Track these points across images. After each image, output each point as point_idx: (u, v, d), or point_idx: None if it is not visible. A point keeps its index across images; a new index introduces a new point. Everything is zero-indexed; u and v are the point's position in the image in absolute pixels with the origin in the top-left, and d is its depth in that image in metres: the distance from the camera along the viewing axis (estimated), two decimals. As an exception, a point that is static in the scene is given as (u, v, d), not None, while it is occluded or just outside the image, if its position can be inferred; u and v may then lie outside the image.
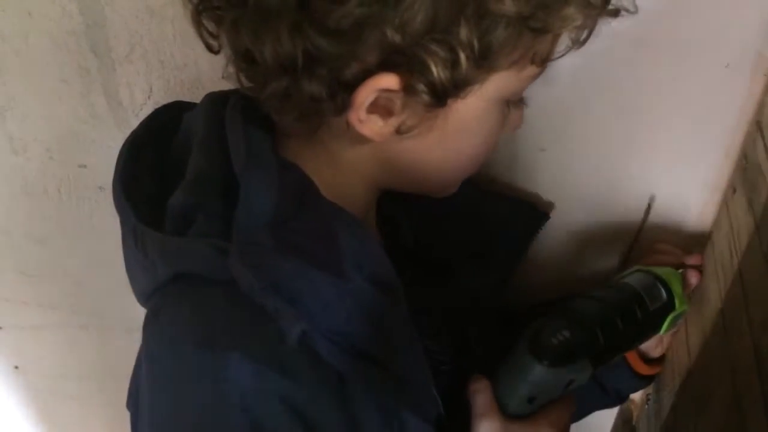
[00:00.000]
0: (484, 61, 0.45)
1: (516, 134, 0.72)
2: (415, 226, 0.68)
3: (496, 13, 0.42)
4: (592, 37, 0.49)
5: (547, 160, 0.73)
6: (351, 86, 0.46)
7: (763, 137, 0.56)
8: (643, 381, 0.69)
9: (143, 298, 0.54)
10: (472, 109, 0.49)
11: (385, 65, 0.45)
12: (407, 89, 0.45)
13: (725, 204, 0.63)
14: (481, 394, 0.55)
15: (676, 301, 0.58)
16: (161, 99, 0.81)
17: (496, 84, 0.48)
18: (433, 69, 0.43)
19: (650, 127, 0.65)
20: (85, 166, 0.92)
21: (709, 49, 0.59)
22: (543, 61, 0.48)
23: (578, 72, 0.65)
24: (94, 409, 1.30)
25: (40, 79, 0.84)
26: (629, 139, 0.67)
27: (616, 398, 0.72)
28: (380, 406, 0.48)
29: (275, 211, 0.47)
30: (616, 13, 0.49)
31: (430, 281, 0.65)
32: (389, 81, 0.45)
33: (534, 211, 0.73)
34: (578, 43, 0.49)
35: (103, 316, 1.13)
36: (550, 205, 0.75)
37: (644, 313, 0.56)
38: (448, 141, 0.51)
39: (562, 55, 0.50)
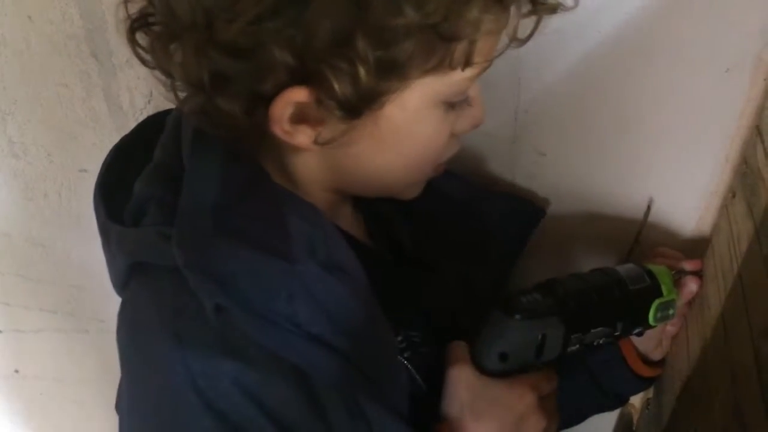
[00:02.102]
0: (391, 72, 0.45)
1: (516, 139, 0.72)
2: (409, 225, 0.68)
3: (395, 26, 0.43)
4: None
5: (546, 164, 0.73)
6: (268, 100, 0.46)
7: (762, 142, 0.56)
8: (643, 383, 0.69)
9: (118, 291, 0.55)
10: (403, 116, 0.49)
11: (296, 79, 0.45)
12: (319, 102, 0.46)
13: (725, 209, 0.63)
14: (455, 348, 0.56)
15: (663, 289, 0.59)
16: (161, 103, 0.81)
17: (421, 90, 0.48)
18: (335, 84, 0.44)
19: (650, 131, 0.65)
20: (85, 171, 0.92)
21: (708, 53, 0.59)
22: (465, 66, 0.47)
23: (578, 77, 0.65)
24: (93, 413, 1.30)
25: (41, 83, 0.84)
26: (629, 144, 0.67)
27: (616, 401, 0.72)
28: (336, 387, 0.48)
29: (218, 196, 0.48)
30: (553, 9, 0.49)
31: (426, 278, 0.65)
32: (300, 94, 0.45)
33: (531, 208, 0.74)
34: (517, 41, 0.49)
35: (103, 320, 1.13)
36: (546, 202, 0.75)
37: (623, 292, 0.57)
38: (387, 146, 0.51)
39: (501, 53, 0.50)
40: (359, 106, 0.46)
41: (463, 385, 0.54)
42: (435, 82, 0.48)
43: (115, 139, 0.88)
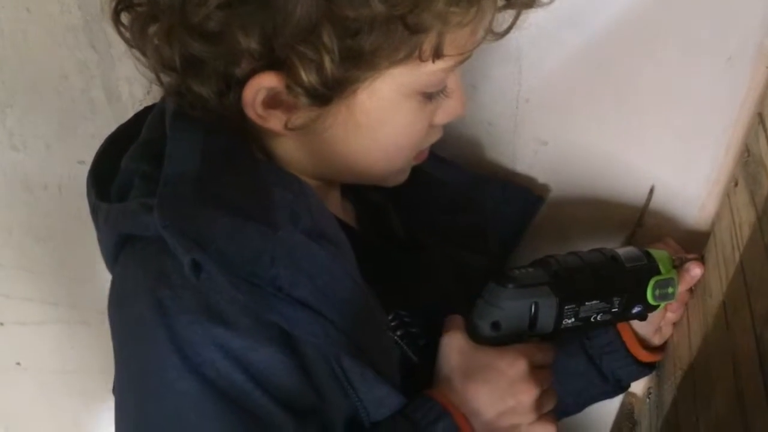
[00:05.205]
0: (357, 62, 0.46)
1: (517, 128, 0.72)
2: (403, 214, 0.68)
3: (361, 16, 0.43)
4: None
5: (547, 153, 0.72)
6: (241, 84, 0.47)
7: (765, 130, 0.56)
8: (643, 368, 0.68)
9: (109, 269, 0.55)
10: (376, 104, 0.49)
11: (266, 65, 0.46)
12: (289, 88, 0.46)
13: (727, 197, 0.63)
14: (451, 319, 0.56)
15: (661, 267, 0.59)
16: (160, 94, 0.81)
17: (393, 81, 0.48)
18: (301, 72, 0.45)
19: (652, 120, 0.65)
20: (84, 162, 0.92)
21: (710, 42, 0.59)
22: (435, 58, 0.48)
23: (579, 66, 0.65)
24: (95, 405, 1.30)
25: (40, 75, 0.84)
26: (631, 133, 0.67)
27: (616, 387, 0.72)
28: (321, 350, 0.49)
29: (200, 167, 0.49)
30: (529, 4, 0.49)
31: (417, 261, 0.65)
32: (270, 80, 0.46)
33: (529, 196, 0.74)
34: (493, 34, 0.49)
35: (104, 312, 1.12)
36: (545, 190, 0.75)
37: (619, 268, 0.58)
38: (361, 134, 0.52)
39: (477, 46, 0.50)
40: (327, 93, 0.47)
41: (455, 350, 0.55)
42: (406, 73, 0.48)
43: (115, 130, 0.88)
